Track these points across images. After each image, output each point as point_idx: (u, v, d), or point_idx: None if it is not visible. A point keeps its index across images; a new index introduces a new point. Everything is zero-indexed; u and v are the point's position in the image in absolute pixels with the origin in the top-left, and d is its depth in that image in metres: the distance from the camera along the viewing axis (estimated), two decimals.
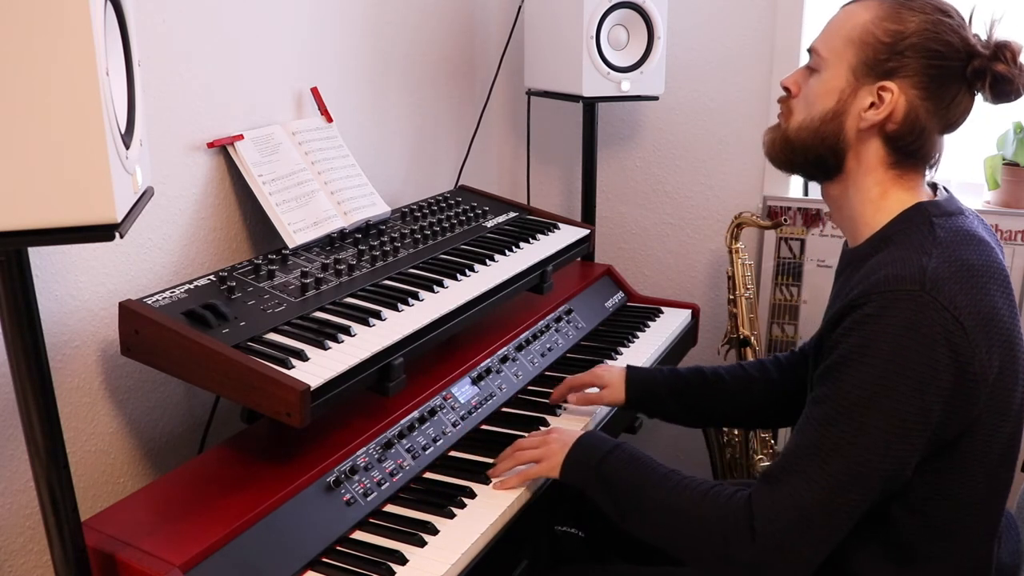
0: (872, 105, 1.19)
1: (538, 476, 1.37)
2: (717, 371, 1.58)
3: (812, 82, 1.25)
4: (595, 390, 1.61)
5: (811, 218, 2.38)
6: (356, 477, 1.33)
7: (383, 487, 1.35)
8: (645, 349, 1.94)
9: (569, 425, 1.59)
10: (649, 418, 1.63)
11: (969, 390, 1.10)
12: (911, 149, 1.21)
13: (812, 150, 1.25)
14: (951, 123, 1.21)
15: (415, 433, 1.46)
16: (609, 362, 1.86)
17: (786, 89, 1.30)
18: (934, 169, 1.26)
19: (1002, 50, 1.16)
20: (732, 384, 1.56)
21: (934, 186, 1.28)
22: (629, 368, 1.60)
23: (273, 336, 1.32)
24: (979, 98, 1.23)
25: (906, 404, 1.08)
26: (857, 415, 1.10)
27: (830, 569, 1.23)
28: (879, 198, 1.23)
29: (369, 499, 1.32)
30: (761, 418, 1.58)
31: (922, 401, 1.08)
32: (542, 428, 1.56)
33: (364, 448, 1.37)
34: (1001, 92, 1.18)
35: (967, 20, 1.20)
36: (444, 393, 1.56)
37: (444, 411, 1.54)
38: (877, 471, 1.10)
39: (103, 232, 0.85)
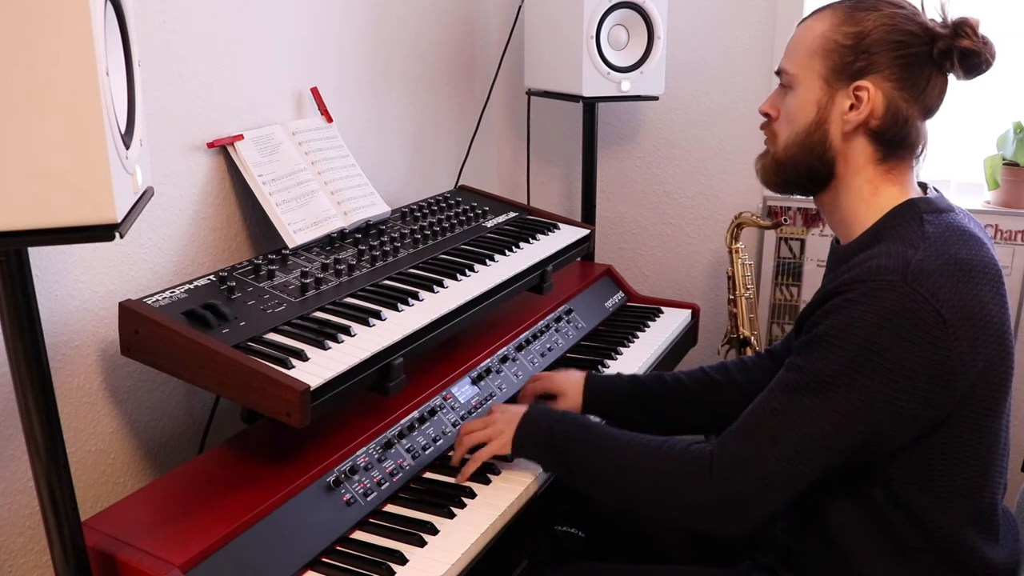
0: (852, 107, 1.21)
1: (490, 455, 1.39)
2: (677, 376, 1.59)
3: (788, 100, 1.27)
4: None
5: (811, 218, 2.38)
6: (356, 477, 1.33)
7: (383, 487, 1.35)
8: (645, 349, 1.94)
9: None
10: (611, 423, 1.63)
11: (946, 383, 1.11)
12: (897, 140, 1.22)
13: (803, 164, 1.26)
14: (929, 107, 1.23)
15: (415, 433, 1.46)
16: (608, 365, 1.86)
17: (765, 114, 1.33)
18: (921, 158, 1.27)
19: (962, 26, 1.18)
20: (692, 388, 1.57)
21: (924, 186, 1.29)
22: (588, 374, 1.61)
23: (273, 336, 1.32)
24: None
25: (873, 391, 1.10)
26: (828, 391, 1.13)
27: (830, 562, 1.24)
28: (871, 196, 1.24)
29: (369, 499, 1.32)
30: (724, 422, 1.57)
31: (892, 389, 1.10)
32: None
33: (364, 448, 1.37)
34: (971, 66, 1.20)
35: (920, 7, 1.23)
36: (444, 393, 1.56)
37: (444, 411, 1.54)
38: (838, 445, 1.14)
39: (103, 232, 0.85)
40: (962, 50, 1.18)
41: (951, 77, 1.23)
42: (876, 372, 1.10)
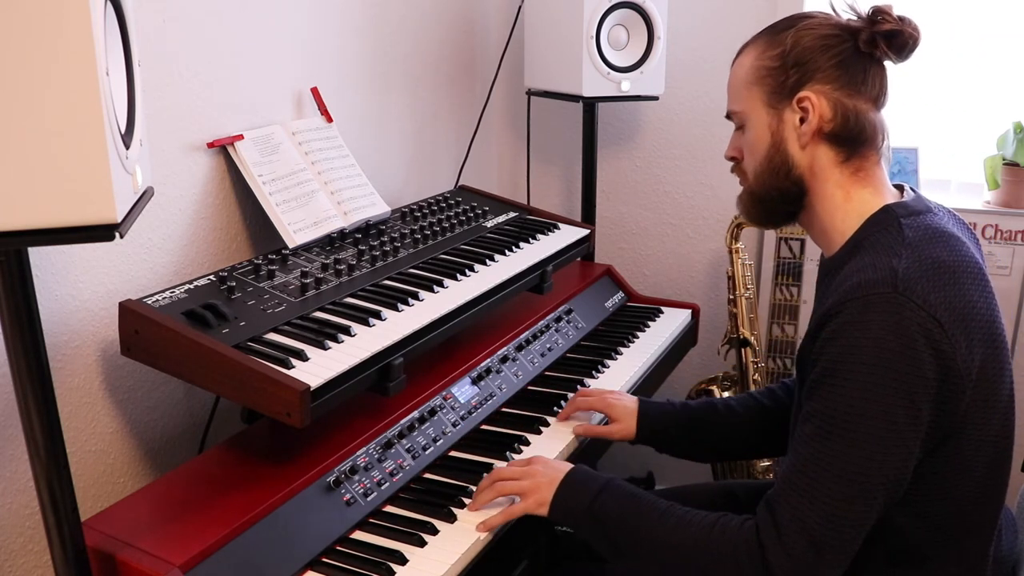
0: (802, 120, 1.24)
1: (524, 512, 1.30)
2: (728, 403, 1.57)
3: (746, 137, 1.31)
4: (597, 416, 1.59)
5: None
6: (356, 477, 1.33)
7: (383, 487, 1.35)
8: (645, 349, 1.94)
9: (569, 426, 1.59)
10: (658, 453, 1.60)
11: (955, 385, 1.10)
12: (854, 135, 1.23)
13: (775, 188, 1.28)
14: (876, 97, 1.25)
15: (415, 433, 1.46)
16: (608, 365, 1.86)
17: (731, 158, 1.36)
18: (884, 148, 1.27)
19: (876, 13, 1.22)
20: (743, 414, 1.55)
21: (901, 188, 1.30)
22: (641, 402, 1.57)
23: (273, 336, 1.32)
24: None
25: (895, 407, 1.08)
26: (849, 425, 1.10)
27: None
28: (844, 201, 1.25)
29: (369, 499, 1.32)
30: (775, 446, 1.56)
31: (911, 402, 1.08)
32: (520, 453, 1.50)
33: (364, 448, 1.37)
34: (900, 47, 1.22)
35: (831, 10, 1.28)
36: (444, 393, 1.56)
37: (444, 411, 1.54)
38: (877, 479, 1.10)
39: (103, 232, 0.85)
40: (885, 34, 1.21)
41: (888, 64, 1.26)
42: (893, 387, 1.08)
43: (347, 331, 1.34)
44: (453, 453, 1.50)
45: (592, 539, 1.28)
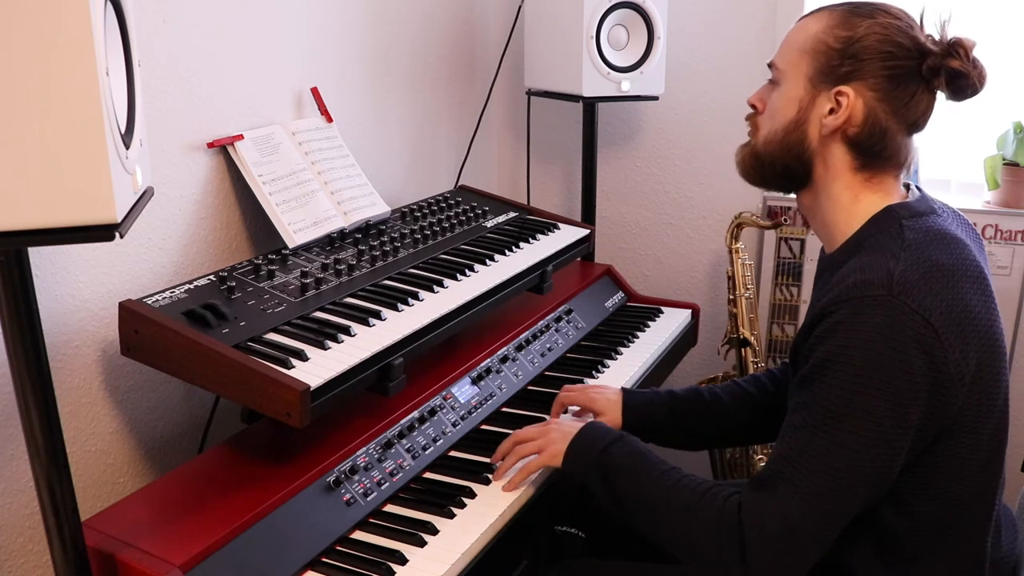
0: (831, 111, 1.21)
1: (540, 467, 1.37)
2: (714, 391, 1.57)
3: (774, 96, 1.28)
4: (589, 415, 1.58)
5: None
6: (356, 477, 1.33)
7: (383, 487, 1.35)
8: (645, 349, 1.94)
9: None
10: (644, 443, 1.62)
11: (946, 390, 1.10)
12: (875, 151, 1.21)
13: (780, 161, 1.27)
14: (913, 123, 1.22)
15: (415, 433, 1.46)
16: (608, 365, 1.86)
17: (752, 106, 1.33)
18: (907, 171, 1.26)
19: (955, 47, 1.18)
20: (730, 402, 1.55)
21: (907, 186, 1.29)
22: (625, 392, 1.57)
23: (273, 336, 1.32)
24: (963, 101, 1.23)
25: (881, 410, 1.09)
26: (834, 423, 1.11)
27: (823, 570, 1.24)
28: (850, 203, 1.24)
29: (369, 499, 1.32)
30: (761, 433, 1.57)
31: (897, 405, 1.09)
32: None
33: (364, 448, 1.37)
34: (958, 88, 1.19)
35: (918, 21, 1.22)
36: (444, 393, 1.56)
37: (444, 411, 1.54)
38: (859, 477, 1.11)
39: (103, 232, 0.85)
40: (951, 70, 1.17)
41: (940, 96, 1.22)
42: (879, 390, 1.08)
43: (347, 331, 1.34)
44: (453, 453, 1.50)
45: (597, 489, 1.32)
